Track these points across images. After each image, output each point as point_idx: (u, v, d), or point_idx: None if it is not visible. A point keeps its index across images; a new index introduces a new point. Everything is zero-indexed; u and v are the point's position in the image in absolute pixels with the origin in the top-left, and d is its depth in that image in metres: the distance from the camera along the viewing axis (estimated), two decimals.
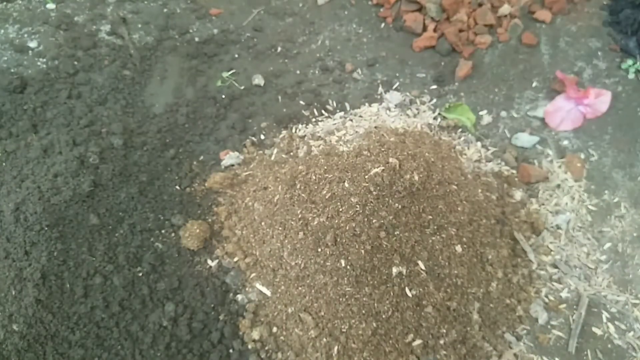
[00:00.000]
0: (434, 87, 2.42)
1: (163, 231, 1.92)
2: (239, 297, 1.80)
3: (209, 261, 1.87)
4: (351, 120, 2.28)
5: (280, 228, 1.77)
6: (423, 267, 1.65)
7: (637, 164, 2.18)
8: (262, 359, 1.68)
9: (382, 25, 2.67)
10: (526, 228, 1.96)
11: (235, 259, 1.86)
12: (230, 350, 1.69)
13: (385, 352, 1.64)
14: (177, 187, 2.04)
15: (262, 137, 2.24)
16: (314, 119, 2.30)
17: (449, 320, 1.67)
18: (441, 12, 2.55)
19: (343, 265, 1.63)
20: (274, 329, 1.73)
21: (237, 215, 1.96)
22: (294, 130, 2.25)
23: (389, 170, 1.61)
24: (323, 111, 2.33)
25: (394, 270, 1.63)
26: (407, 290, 1.64)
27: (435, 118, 2.28)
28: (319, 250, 1.66)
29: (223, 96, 2.36)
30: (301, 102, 2.35)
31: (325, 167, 1.76)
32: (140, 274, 1.81)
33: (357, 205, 1.62)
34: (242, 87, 2.40)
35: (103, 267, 1.80)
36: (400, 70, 2.49)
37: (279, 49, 2.56)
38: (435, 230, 1.68)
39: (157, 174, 2.06)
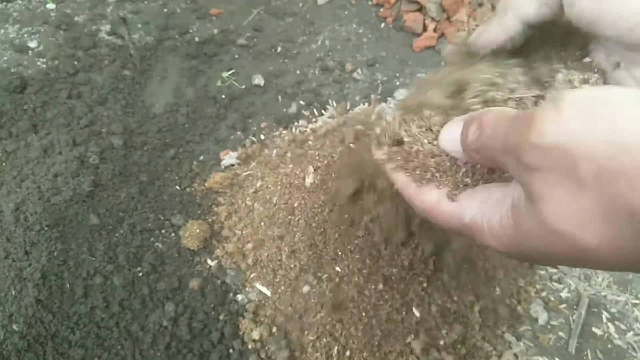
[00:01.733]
0: None
1: (163, 231, 1.92)
2: (239, 297, 1.80)
3: (209, 261, 1.87)
4: None
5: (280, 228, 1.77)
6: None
7: None
8: (262, 359, 1.68)
9: (382, 25, 2.67)
10: None
11: (235, 259, 1.86)
12: (230, 350, 1.69)
13: (385, 352, 1.64)
14: (177, 187, 2.04)
15: (262, 137, 2.24)
16: (314, 119, 2.30)
17: (449, 321, 1.67)
18: (441, 12, 2.55)
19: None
20: (274, 329, 1.73)
21: (237, 215, 1.96)
22: (294, 131, 2.25)
23: None
24: (323, 111, 2.33)
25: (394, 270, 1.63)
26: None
27: None
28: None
29: (223, 96, 2.36)
30: (301, 102, 2.35)
31: None
32: (140, 274, 1.81)
33: None
34: (242, 87, 2.40)
35: (103, 267, 1.80)
36: (400, 70, 2.49)
37: (279, 49, 2.56)
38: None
39: (157, 174, 2.06)
